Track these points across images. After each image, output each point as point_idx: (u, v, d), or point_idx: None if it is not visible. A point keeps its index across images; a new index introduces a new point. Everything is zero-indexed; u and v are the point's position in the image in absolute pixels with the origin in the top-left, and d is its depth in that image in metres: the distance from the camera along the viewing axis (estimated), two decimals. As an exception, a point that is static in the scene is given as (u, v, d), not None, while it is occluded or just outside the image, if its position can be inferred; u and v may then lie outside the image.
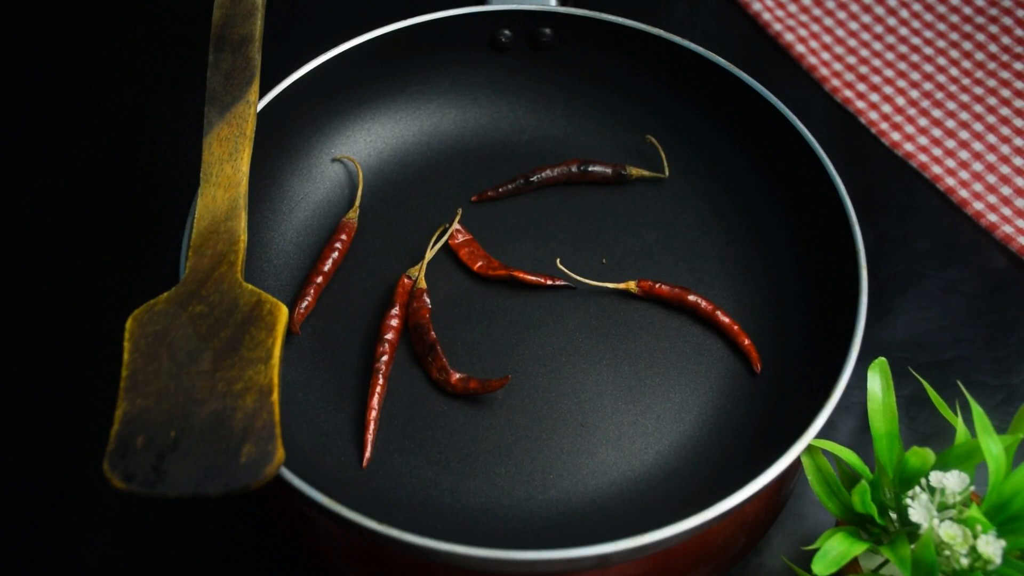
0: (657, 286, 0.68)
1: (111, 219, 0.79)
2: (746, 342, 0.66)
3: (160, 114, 0.85)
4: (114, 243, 0.78)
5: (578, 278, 0.68)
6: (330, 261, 0.69)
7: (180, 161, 0.80)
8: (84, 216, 0.79)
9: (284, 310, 0.56)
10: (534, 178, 0.73)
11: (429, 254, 0.70)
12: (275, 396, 0.52)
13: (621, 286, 0.68)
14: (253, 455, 0.50)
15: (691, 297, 0.67)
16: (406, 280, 0.68)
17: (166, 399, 0.52)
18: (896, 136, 0.83)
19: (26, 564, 0.64)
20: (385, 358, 0.64)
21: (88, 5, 0.93)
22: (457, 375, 0.64)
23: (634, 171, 0.73)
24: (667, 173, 0.74)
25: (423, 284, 0.68)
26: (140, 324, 0.56)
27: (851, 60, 0.87)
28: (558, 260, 0.70)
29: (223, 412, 0.52)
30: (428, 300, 0.67)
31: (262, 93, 0.67)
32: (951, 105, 0.84)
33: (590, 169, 0.73)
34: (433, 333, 0.65)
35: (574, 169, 0.73)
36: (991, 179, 0.80)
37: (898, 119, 0.84)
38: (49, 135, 0.84)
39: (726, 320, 0.67)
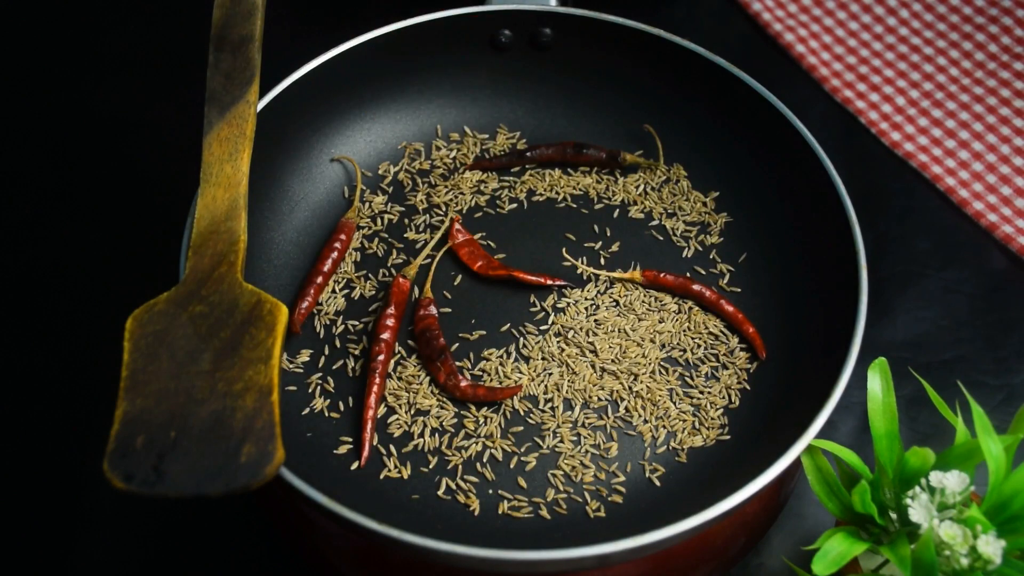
0: (661, 276, 0.68)
1: (111, 219, 0.79)
2: (750, 330, 0.66)
3: (160, 114, 0.85)
4: (114, 243, 0.78)
5: (584, 267, 0.68)
6: (330, 261, 0.69)
7: (180, 161, 0.80)
8: (84, 216, 0.79)
9: (284, 310, 0.56)
10: (529, 153, 0.74)
11: (425, 252, 0.70)
12: (275, 396, 0.52)
13: (626, 276, 0.69)
14: (253, 455, 0.50)
15: (695, 287, 0.68)
16: (401, 280, 0.68)
17: (166, 399, 0.52)
18: (896, 136, 0.83)
19: (26, 564, 0.64)
20: (381, 357, 0.64)
21: (89, 5, 0.93)
22: (465, 381, 0.64)
23: (628, 156, 0.73)
24: (662, 162, 0.74)
25: (429, 294, 0.68)
26: (140, 324, 0.56)
27: (851, 60, 0.87)
28: (564, 250, 0.70)
29: (223, 412, 0.52)
30: (434, 309, 0.67)
31: (262, 93, 0.67)
32: (951, 105, 0.84)
33: (585, 151, 0.73)
34: (443, 339, 0.65)
35: (569, 150, 0.74)
36: (991, 179, 0.80)
37: (898, 119, 0.84)
38: (49, 135, 0.84)
39: (730, 309, 0.67)
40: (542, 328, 0.67)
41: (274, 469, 0.50)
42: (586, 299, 0.68)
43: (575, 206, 0.73)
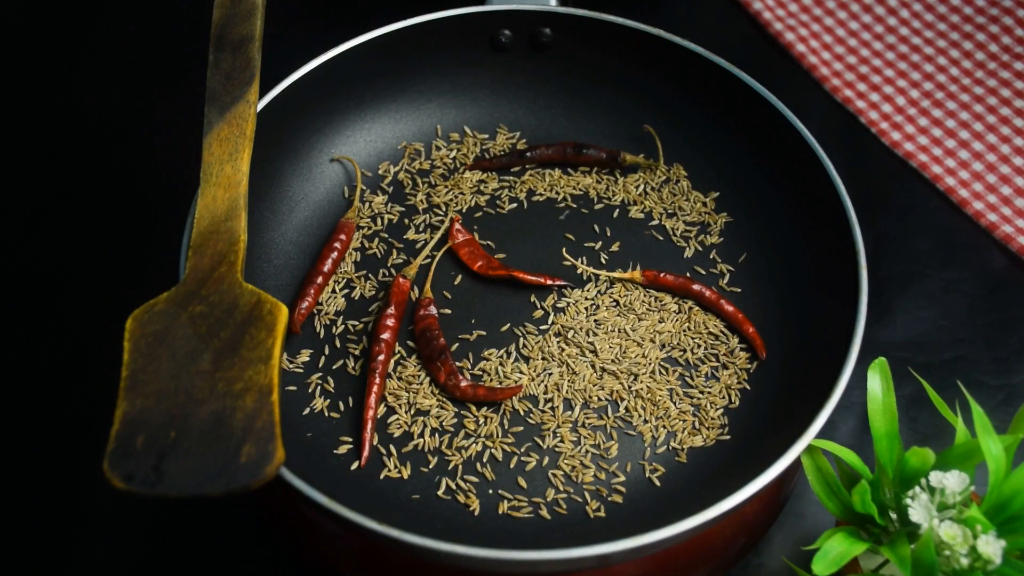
0: (661, 275, 0.68)
1: (111, 219, 0.79)
2: (750, 330, 0.66)
3: (160, 114, 0.85)
4: (114, 243, 0.78)
5: (584, 267, 0.69)
6: (330, 261, 0.69)
7: (180, 161, 0.80)
8: (84, 216, 0.79)
9: (284, 310, 0.56)
10: (529, 153, 0.74)
11: (425, 252, 0.70)
12: (275, 396, 0.52)
13: (626, 276, 0.69)
14: (253, 455, 0.50)
15: (695, 287, 0.68)
16: (401, 280, 0.68)
17: (166, 399, 0.52)
18: (896, 136, 0.83)
19: (26, 564, 0.64)
20: (381, 357, 0.64)
21: (89, 5, 0.93)
22: (466, 381, 0.64)
23: (628, 157, 0.73)
24: (662, 162, 0.74)
25: (429, 294, 0.68)
26: (140, 324, 0.56)
27: (851, 60, 0.87)
28: (564, 250, 0.70)
29: (223, 412, 0.52)
30: (435, 309, 0.67)
31: (262, 93, 0.67)
32: (951, 105, 0.84)
33: (585, 151, 0.73)
34: (443, 339, 0.65)
35: (569, 150, 0.74)
36: (991, 179, 0.80)
37: (898, 119, 0.84)
38: (49, 135, 0.84)
39: (730, 309, 0.67)
40: (542, 328, 0.67)
41: (274, 469, 0.50)
42: (586, 299, 0.68)
43: (575, 206, 0.73)
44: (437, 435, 0.63)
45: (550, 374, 0.65)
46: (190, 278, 0.58)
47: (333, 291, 0.69)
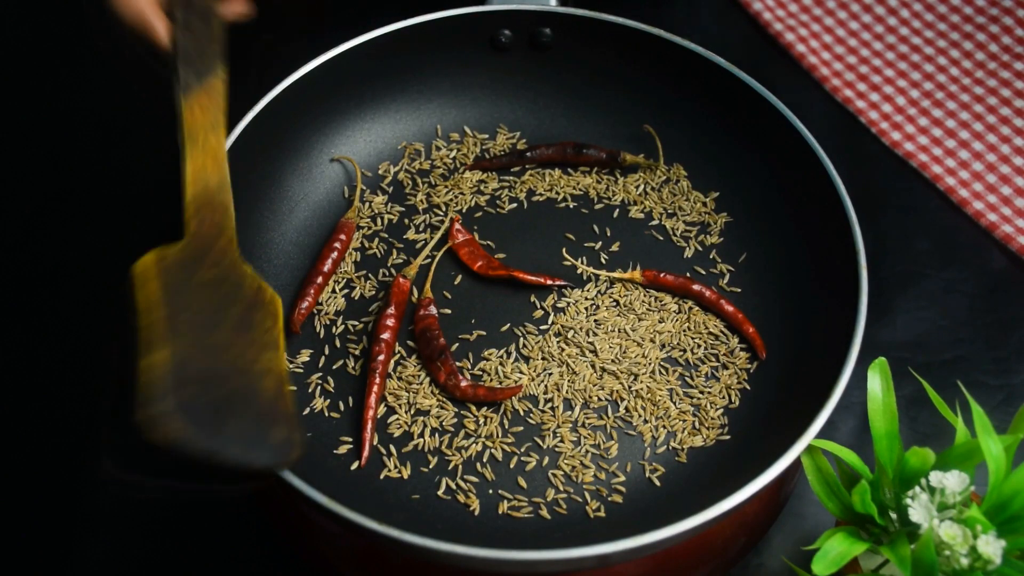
0: (661, 275, 0.68)
1: (111, 219, 0.79)
2: (750, 330, 0.66)
3: (160, 114, 0.85)
4: (114, 243, 0.78)
5: (584, 267, 0.69)
6: (330, 261, 0.69)
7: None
8: (84, 216, 0.79)
9: (280, 301, 0.56)
10: (529, 153, 0.74)
11: (425, 252, 0.70)
12: (288, 387, 0.52)
13: (626, 276, 0.69)
14: (281, 438, 0.50)
15: (695, 287, 0.68)
16: (401, 280, 0.68)
17: (204, 355, 0.51)
18: (896, 136, 0.83)
19: (26, 564, 0.64)
20: (382, 357, 0.64)
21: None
22: (466, 381, 0.64)
23: (628, 157, 0.73)
24: (662, 162, 0.74)
25: (429, 294, 0.68)
26: (165, 268, 0.54)
27: (851, 60, 0.87)
28: (564, 250, 0.70)
29: (248, 388, 0.51)
30: (435, 309, 0.67)
31: (262, 93, 0.67)
32: (951, 105, 0.84)
33: (585, 151, 0.73)
34: (443, 339, 0.65)
35: (569, 150, 0.74)
36: (991, 179, 0.80)
37: (898, 119, 0.84)
38: (49, 135, 0.84)
39: (730, 309, 0.67)
40: (542, 328, 0.67)
41: (296, 455, 0.50)
42: (586, 299, 0.68)
43: (575, 206, 0.73)
44: (437, 435, 0.63)
45: (550, 374, 0.65)
46: (195, 243, 0.56)
47: (333, 291, 0.69)
